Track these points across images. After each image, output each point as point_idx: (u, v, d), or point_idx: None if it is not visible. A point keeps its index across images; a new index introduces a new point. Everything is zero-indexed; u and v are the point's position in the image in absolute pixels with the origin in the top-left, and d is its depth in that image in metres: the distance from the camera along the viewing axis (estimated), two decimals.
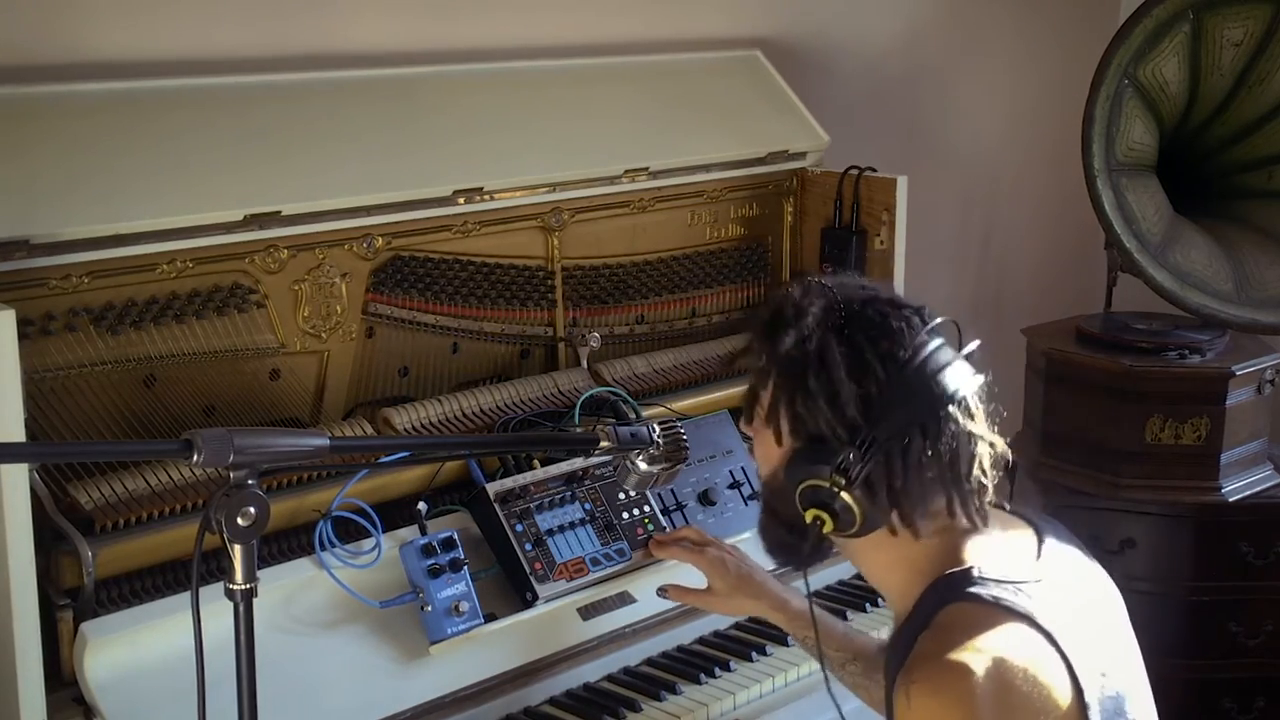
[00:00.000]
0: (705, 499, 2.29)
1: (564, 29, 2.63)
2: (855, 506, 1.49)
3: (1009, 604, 1.44)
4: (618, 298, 2.54)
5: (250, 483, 1.38)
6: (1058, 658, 1.42)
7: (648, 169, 2.50)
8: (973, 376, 1.54)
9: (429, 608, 1.93)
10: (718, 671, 2.08)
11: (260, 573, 1.42)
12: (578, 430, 2.22)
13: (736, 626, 2.22)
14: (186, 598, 1.58)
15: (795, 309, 1.54)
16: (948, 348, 1.53)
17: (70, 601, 1.76)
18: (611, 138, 2.48)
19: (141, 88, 2.01)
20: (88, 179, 1.88)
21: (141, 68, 2.07)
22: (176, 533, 1.85)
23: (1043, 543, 1.58)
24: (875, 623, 2.23)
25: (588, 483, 2.18)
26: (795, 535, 1.60)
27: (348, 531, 1.99)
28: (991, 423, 1.55)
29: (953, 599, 1.47)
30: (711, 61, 2.76)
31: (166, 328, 1.98)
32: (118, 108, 1.97)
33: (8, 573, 1.63)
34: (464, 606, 1.95)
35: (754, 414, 1.61)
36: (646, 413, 2.35)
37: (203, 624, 1.40)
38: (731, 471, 2.35)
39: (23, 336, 1.74)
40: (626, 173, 2.47)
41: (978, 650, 1.39)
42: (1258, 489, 3.12)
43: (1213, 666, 3.14)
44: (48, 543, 1.76)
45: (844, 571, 2.38)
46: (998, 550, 1.54)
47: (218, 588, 1.41)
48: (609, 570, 2.12)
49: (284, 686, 1.79)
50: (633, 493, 2.17)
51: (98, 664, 1.73)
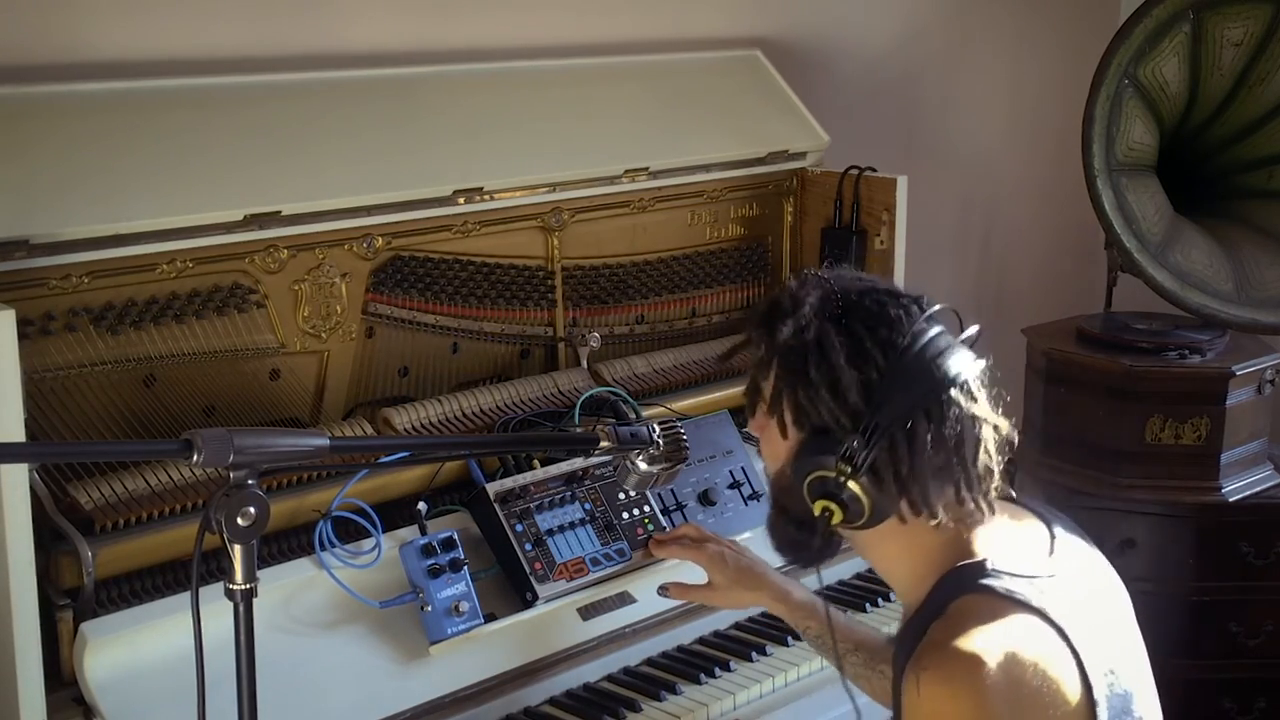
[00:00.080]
0: (705, 499, 2.29)
1: (564, 29, 2.63)
2: (863, 495, 1.49)
3: (1022, 597, 1.44)
4: (618, 298, 2.54)
5: (250, 483, 1.38)
6: (1069, 653, 1.42)
7: (648, 169, 2.50)
8: (974, 360, 1.54)
9: (429, 608, 1.93)
10: (718, 671, 2.08)
11: (260, 573, 1.42)
12: (578, 430, 2.22)
13: (736, 626, 2.22)
14: (186, 598, 1.58)
15: (792, 300, 1.54)
16: (947, 333, 1.53)
17: (70, 601, 1.76)
18: (611, 138, 2.48)
19: (141, 87, 2.01)
20: (87, 179, 1.88)
21: (141, 67, 2.07)
22: (176, 533, 1.85)
23: (1054, 537, 1.58)
24: (877, 621, 2.23)
25: (588, 483, 2.17)
26: (805, 531, 1.60)
27: (348, 531, 1.99)
28: (995, 406, 1.55)
29: (966, 590, 1.47)
30: (711, 61, 2.76)
31: (166, 328, 1.98)
32: (117, 107, 1.97)
33: (8, 573, 1.63)
34: (464, 606, 1.95)
35: (757, 408, 1.61)
36: (646, 413, 2.35)
37: (203, 624, 1.41)
38: (731, 471, 2.35)
39: (23, 336, 1.74)
40: (626, 173, 2.47)
41: (990, 641, 1.39)
42: (1258, 489, 3.12)
43: (1213, 666, 3.14)
44: (48, 543, 1.76)
45: (845, 571, 2.37)
46: (1010, 543, 1.54)
47: (218, 588, 1.41)
48: (609, 570, 2.12)
49: (284, 686, 1.79)
50: (633, 493, 2.17)
51: (98, 664, 1.73)
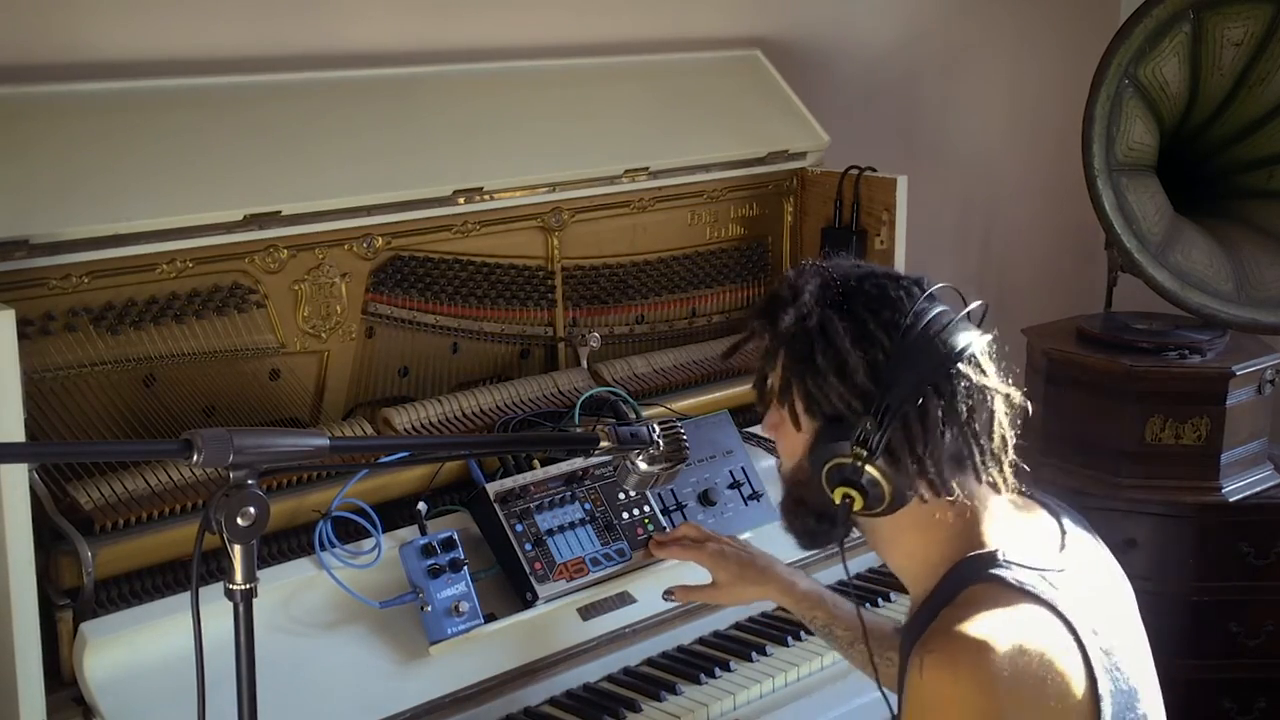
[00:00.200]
0: (705, 499, 2.29)
1: (564, 29, 2.62)
2: (882, 479, 1.49)
3: (1032, 589, 1.44)
4: (618, 298, 2.54)
5: (250, 483, 1.38)
6: (1075, 647, 1.42)
7: (648, 169, 2.50)
8: (979, 334, 1.54)
9: (429, 608, 1.93)
10: (718, 671, 2.08)
11: (260, 573, 1.42)
12: (578, 430, 2.22)
13: (736, 626, 2.22)
14: (186, 598, 1.59)
15: (791, 289, 1.55)
16: (950, 310, 1.54)
17: (70, 601, 1.76)
18: (611, 138, 2.48)
19: (141, 87, 2.01)
20: (87, 179, 1.88)
21: (141, 67, 2.07)
22: (176, 533, 1.85)
23: (1064, 532, 1.58)
24: (879, 618, 2.23)
25: (588, 483, 2.17)
26: (825, 522, 1.60)
27: (348, 531, 1.99)
28: (1004, 377, 1.55)
29: (976, 579, 1.47)
30: (711, 61, 2.76)
31: (166, 328, 1.98)
32: (117, 107, 1.97)
33: (8, 573, 1.63)
34: (464, 606, 1.95)
35: (769, 402, 1.61)
36: (646, 413, 2.35)
37: (203, 624, 1.40)
38: (731, 471, 2.35)
39: (23, 336, 1.74)
40: (626, 173, 2.47)
41: (996, 629, 1.39)
42: (1258, 489, 3.12)
43: (1213, 667, 3.14)
44: (47, 543, 1.76)
45: (849, 568, 2.37)
46: (1022, 535, 1.54)
47: (218, 588, 1.41)
48: (609, 570, 2.12)
49: (284, 686, 1.79)
50: (633, 493, 2.17)
51: (97, 664, 1.73)
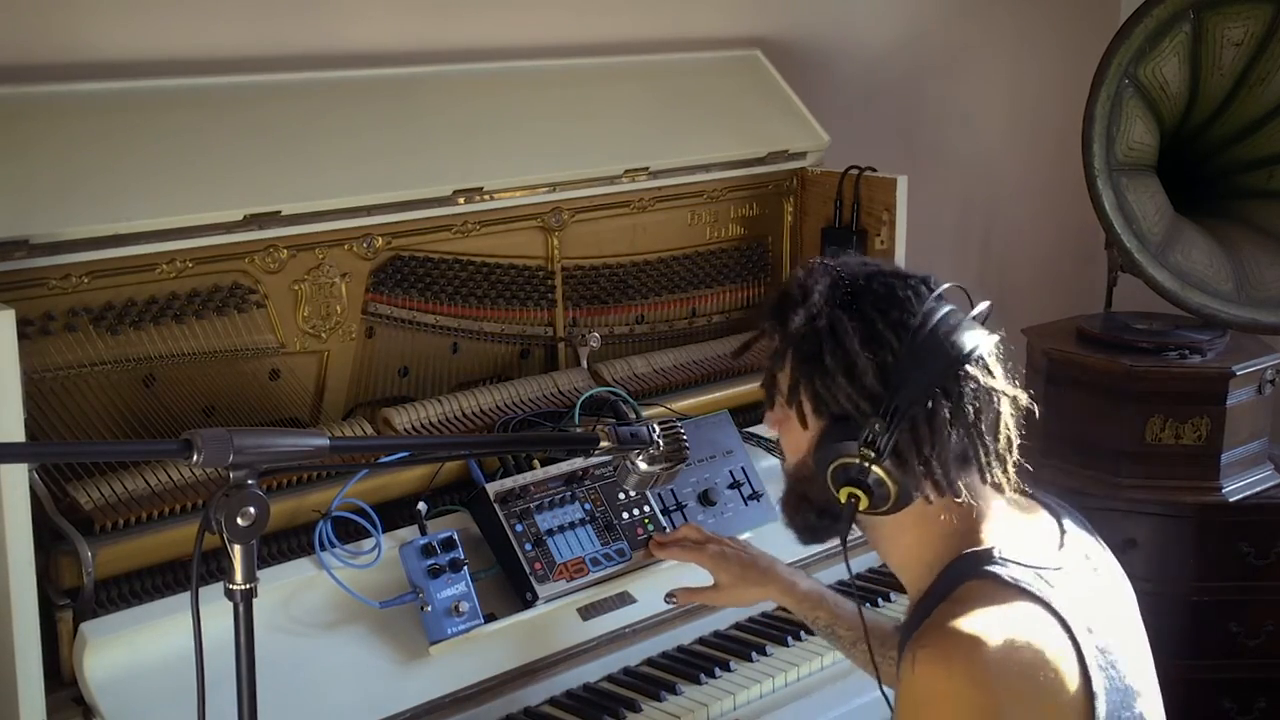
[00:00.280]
0: (705, 499, 2.29)
1: (564, 29, 2.62)
2: (888, 479, 1.50)
3: (1027, 586, 1.45)
4: (618, 298, 2.54)
5: (250, 483, 1.38)
6: (1070, 645, 1.42)
7: (648, 169, 2.50)
8: (987, 335, 1.54)
9: (429, 608, 1.93)
10: (718, 672, 2.08)
11: (260, 573, 1.42)
12: (578, 430, 2.22)
13: (736, 626, 2.22)
14: (186, 598, 1.59)
15: (801, 289, 1.55)
16: (958, 310, 1.54)
17: (70, 601, 1.76)
18: (611, 138, 2.48)
19: (141, 87, 2.01)
20: (87, 179, 1.87)
21: (141, 67, 2.07)
22: (176, 533, 1.85)
23: (1064, 532, 1.58)
24: (881, 618, 2.23)
25: (588, 483, 2.17)
26: (826, 518, 1.60)
27: (348, 531, 1.99)
28: (1011, 379, 1.56)
29: (972, 576, 1.48)
30: (711, 61, 2.75)
31: (166, 328, 1.98)
32: (117, 107, 1.97)
33: (8, 573, 1.63)
34: (464, 607, 1.95)
35: (775, 400, 1.61)
36: (646, 413, 2.35)
37: (203, 624, 1.40)
38: (731, 471, 2.35)
39: (23, 336, 1.74)
40: (626, 173, 2.47)
41: (989, 624, 1.39)
42: (1258, 489, 3.12)
43: (1213, 667, 3.14)
44: (47, 543, 1.76)
45: (851, 567, 2.37)
46: (1019, 534, 1.54)
47: (217, 588, 1.41)
48: (609, 570, 2.12)
49: (284, 687, 1.79)
50: (633, 493, 2.16)
51: (97, 664, 1.73)
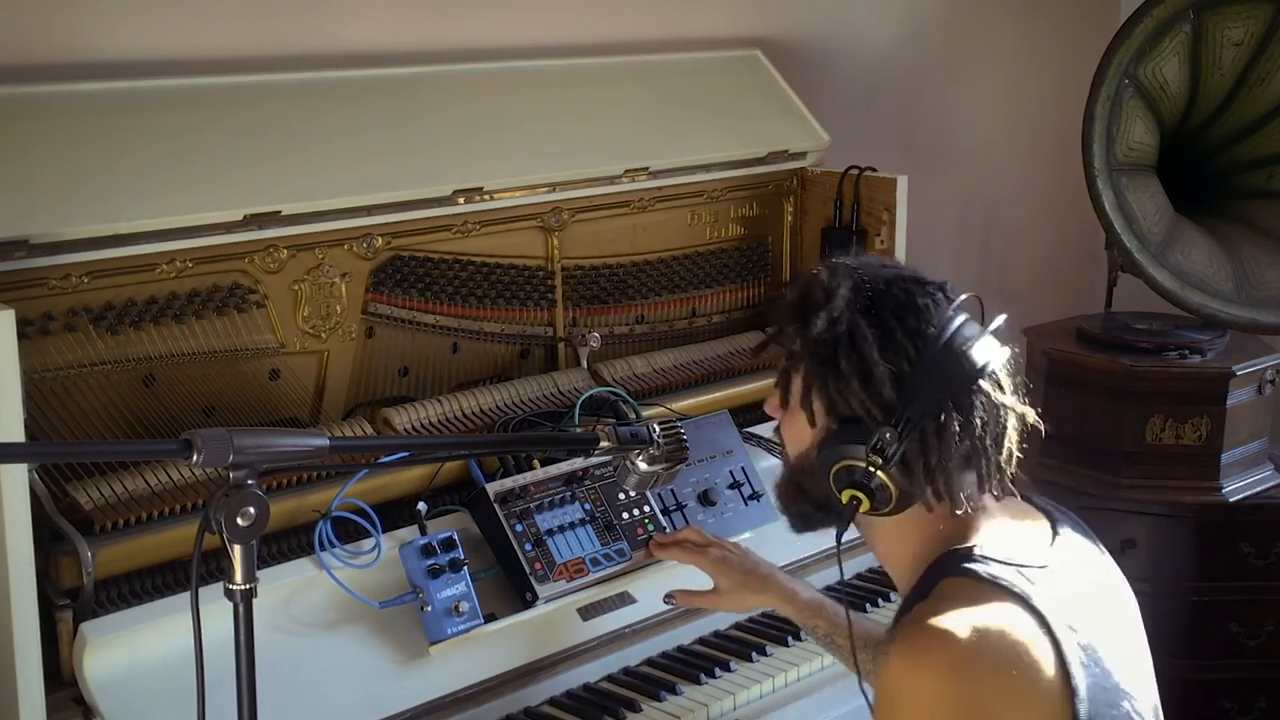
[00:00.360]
0: (705, 499, 2.29)
1: (564, 29, 2.62)
2: (891, 485, 1.50)
3: (1005, 583, 1.45)
4: (618, 298, 2.54)
5: (250, 483, 1.38)
6: (1047, 641, 1.42)
7: (648, 169, 2.50)
8: (1000, 349, 1.55)
9: (429, 608, 1.93)
10: (718, 672, 2.08)
11: (260, 573, 1.42)
12: (578, 430, 2.22)
13: (736, 626, 2.22)
14: (186, 598, 1.59)
15: (824, 291, 1.54)
16: (973, 322, 1.55)
17: (70, 601, 1.76)
18: (611, 138, 2.48)
19: (141, 87, 2.01)
20: (87, 179, 1.87)
21: (141, 67, 2.07)
22: (176, 533, 1.85)
23: (1057, 534, 1.58)
24: (875, 622, 2.23)
25: (588, 483, 2.17)
26: (822, 511, 1.61)
27: (348, 531, 1.99)
28: (1019, 394, 1.57)
29: (951, 573, 1.48)
30: (711, 61, 2.75)
31: (166, 328, 1.98)
32: (117, 107, 1.97)
33: (8, 573, 1.63)
34: (464, 607, 1.95)
35: (788, 398, 1.61)
36: (646, 413, 2.35)
37: (203, 624, 1.40)
38: (731, 471, 2.35)
39: (23, 336, 1.74)
40: (626, 173, 2.47)
41: (961, 621, 1.40)
42: (1258, 489, 3.12)
43: (1213, 667, 3.14)
44: (47, 543, 1.76)
45: (845, 571, 2.37)
46: (1006, 533, 1.55)
47: (217, 588, 1.41)
48: (609, 570, 2.12)
49: (284, 687, 1.79)
50: (633, 493, 2.16)
51: (97, 664, 1.73)
